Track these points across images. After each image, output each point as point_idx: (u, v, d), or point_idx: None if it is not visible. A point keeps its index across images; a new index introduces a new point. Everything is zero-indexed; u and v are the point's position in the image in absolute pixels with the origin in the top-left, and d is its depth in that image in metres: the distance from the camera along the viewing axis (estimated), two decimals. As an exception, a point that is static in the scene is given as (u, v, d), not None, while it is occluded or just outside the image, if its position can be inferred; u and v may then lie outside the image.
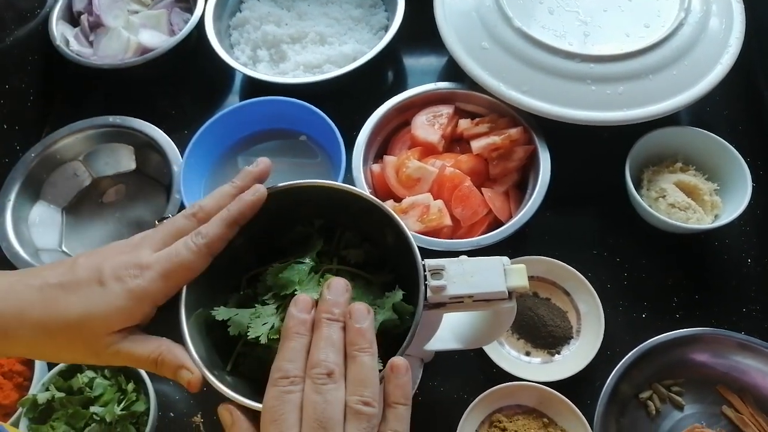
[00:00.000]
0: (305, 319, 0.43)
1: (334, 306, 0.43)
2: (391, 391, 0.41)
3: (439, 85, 0.81)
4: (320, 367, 0.40)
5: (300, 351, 0.41)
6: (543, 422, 0.65)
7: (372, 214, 0.52)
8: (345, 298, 0.44)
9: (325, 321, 0.42)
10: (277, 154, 0.84)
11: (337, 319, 0.43)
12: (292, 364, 0.41)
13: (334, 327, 0.42)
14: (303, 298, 0.44)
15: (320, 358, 0.40)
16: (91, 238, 0.81)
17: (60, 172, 0.83)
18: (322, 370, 0.40)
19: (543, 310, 0.71)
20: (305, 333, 0.42)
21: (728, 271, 0.75)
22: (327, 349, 0.41)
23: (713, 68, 0.75)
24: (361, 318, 0.43)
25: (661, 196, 0.74)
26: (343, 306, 0.44)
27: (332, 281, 0.45)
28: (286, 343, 0.42)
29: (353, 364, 0.41)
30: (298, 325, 0.42)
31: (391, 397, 0.41)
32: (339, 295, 0.44)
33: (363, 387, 0.40)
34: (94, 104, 0.94)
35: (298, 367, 0.41)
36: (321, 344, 0.41)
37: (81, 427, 0.64)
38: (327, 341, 0.41)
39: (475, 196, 0.72)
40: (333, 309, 0.43)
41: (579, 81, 0.73)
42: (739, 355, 0.66)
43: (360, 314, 0.43)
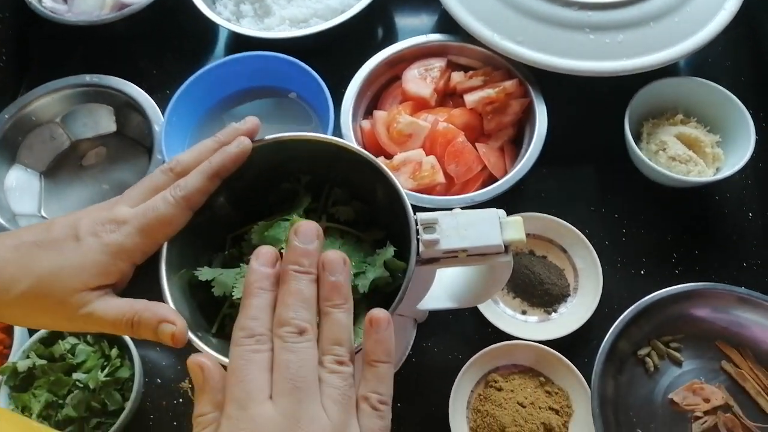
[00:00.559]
0: (269, 273, 0.38)
1: (303, 255, 0.38)
2: (371, 348, 0.37)
3: (430, 38, 0.77)
4: (290, 325, 0.36)
5: (265, 308, 0.37)
6: (539, 381, 0.64)
7: (361, 169, 0.50)
8: (315, 245, 0.38)
9: (293, 273, 0.37)
10: (266, 114, 0.81)
11: (307, 270, 0.37)
12: (257, 321, 0.36)
13: (303, 280, 0.37)
14: (266, 250, 0.39)
15: (290, 316, 0.36)
16: (71, 203, 0.78)
17: (36, 135, 0.80)
18: (293, 329, 0.35)
19: (539, 268, 0.70)
20: (269, 288, 0.37)
21: (729, 225, 0.73)
22: (296, 305, 0.36)
23: (716, 14, 0.72)
24: (336, 269, 0.38)
25: (662, 149, 0.72)
26: (314, 255, 0.38)
27: (300, 225, 0.39)
28: (248, 300, 0.37)
29: (326, 322, 0.37)
30: (261, 279, 0.37)
31: (371, 355, 0.37)
32: (308, 242, 0.38)
33: (338, 345, 0.36)
34: (71, 64, 0.90)
35: (263, 325, 0.36)
36: (289, 300, 0.36)
37: (64, 395, 0.62)
38: (297, 296, 0.36)
39: (469, 151, 0.70)
40: (302, 259, 0.38)
41: (576, 30, 0.71)
42: (739, 310, 0.65)
43: (334, 265, 0.38)
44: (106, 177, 0.80)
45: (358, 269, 0.48)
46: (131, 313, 0.42)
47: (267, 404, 0.34)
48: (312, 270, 0.38)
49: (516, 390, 0.63)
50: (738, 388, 0.63)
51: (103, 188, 0.79)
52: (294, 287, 0.37)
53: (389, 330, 0.38)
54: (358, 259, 0.49)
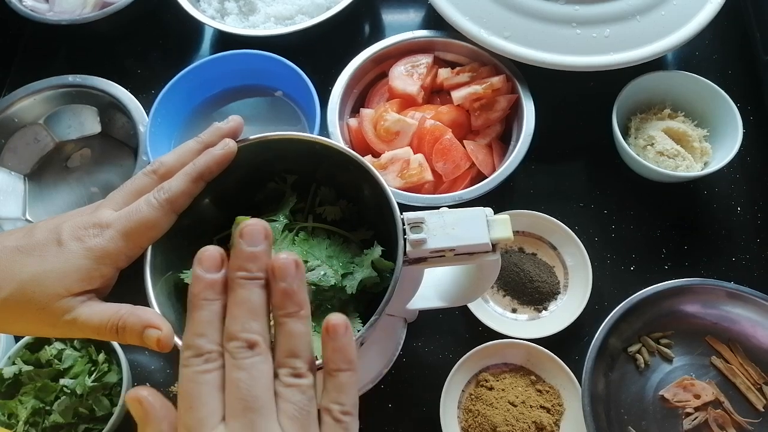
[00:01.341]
0: (214, 281, 0.34)
1: (250, 260, 0.34)
2: (329, 357, 0.34)
3: (417, 34, 0.77)
4: (239, 340, 0.33)
5: (212, 321, 0.34)
6: (531, 380, 0.64)
7: (348, 168, 0.49)
8: (263, 247, 0.34)
9: (240, 281, 0.34)
10: (253, 113, 0.80)
11: (254, 276, 0.34)
12: (204, 338, 0.33)
13: (251, 287, 0.34)
14: (209, 254, 0.35)
15: (237, 329, 0.33)
16: (56, 206, 0.78)
17: (19, 137, 0.79)
18: (242, 344, 0.32)
19: (529, 266, 0.69)
20: (215, 297, 0.34)
21: (717, 220, 0.73)
22: (245, 317, 0.33)
23: (703, 7, 0.71)
24: (287, 274, 0.34)
25: (650, 144, 0.72)
26: (263, 258, 0.34)
27: (245, 225, 0.35)
28: (194, 313, 0.34)
29: (280, 333, 0.34)
30: (205, 289, 0.34)
31: (330, 364, 0.34)
32: (255, 244, 0.34)
33: (293, 357, 0.33)
34: (54, 65, 0.89)
35: (211, 341, 0.33)
36: (236, 311, 0.33)
37: (51, 401, 0.62)
38: (244, 307, 0.33)
39: (456, 149, 0.69)
40: (248, 264, 0.34)
41: (563, 24, 0.70)
42: (729, 305, 0.65)
43: (286, 270, 0.34)
44: (92, 179, 0.79)
45: (346, 270, 0.48)
46: (116, 318, 0.41)
47: (219, 429, 0.32)
48: (260, 275, 0.34)
49: (507, 389, 0.63)
50: (728, 383, 0.64)
51: (89, 190, 0.78)
52: (241, 296, 0.34)
53: (348, 336, 0.35)
54: (345, 260, 0.49)
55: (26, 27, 0.89)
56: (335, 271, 0.47)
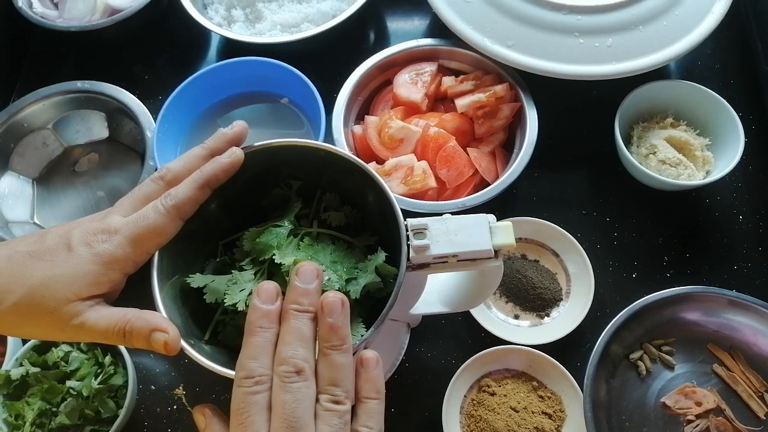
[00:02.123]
0: (270, 311, 0.39)
1: (303, 295, 0.40)
2: (361, 386, 0.39)
3: (421, 42, 0.78)
4: (288, 364, 0.37)
5: (265, 347, 0.38)
6: (532, 386, 0.65)
7: (352, 175, 0.50)
8: (315, 285, 0.40)
9: (293, 312, 0.39)
10: (258, 119, 0.81)
11: (306, 310, 0.39)
12: (256, 362, 0.38)
13: (303, 319, 0.39)
14: (266, 287, 0.40)
15: (287, 355, 0.37)
16: (63, 209, 0.78)
17: (28, 142, 0.80)
18: (290, 368, 0.37)
19: (531, 272, 0.70)
20: (269, 326, 0.39)
21: (719, 228, 0.74)
22: (295, 344, 0.38)
23: (705, 17, 0.72)
24: (334, 311, 0.39)
25: (652, 152, 0.72)
26: (314, 295, 0.40)
27: (301, 266, 0.41)
28: (249, 338, 0.39)
29: (324, 362, 0.38)
30: (261, 318, 0.39)
31: (361, 392, 0.39)
32: (308, 282, 0.40)
33: (334, 386, 0.38)
34: (63, 70, 0.91)
35: (263, 365, 0.38)
36: (288, 338, 0.38)
37: (57, 403, 0.62)
38: (295, 335, 0.38)
39: (460, 156, 0.70)
40: (301, 299, 0.40)
41: (566, 34, 0.71)
42: (730, 313, 0.65)
43: (333, 307, 0.39)
44: (99, 183, 0.80)
45: (350, 275, 0.48)
46: (123, 322, 0.42)
47: None
48: (311, 309, 0.39)
49: (509, 394, 0.64)
50: (730, 391, 0.64)
51: (96, 195, 0.79)
52: (293, 326, 0.39)
53: (378, 368, 0.40)
54: (349, 265, 0.49)
55: (36, 33, 0.90)
56: (339, 276, 0.48)
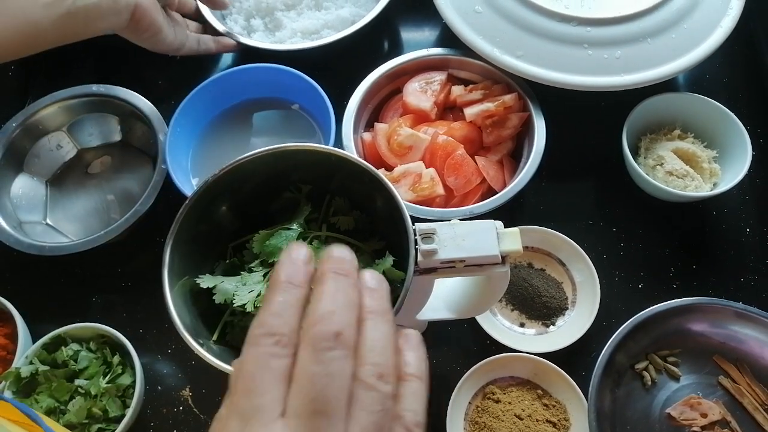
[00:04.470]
0: (303, 269, 0.31)
1: (342, 262, 0.31)
2: (407, 361, 0.31)
3: (431, 51, 0.78)
4: (325, 323, 0.28)
5: (293, 305, 0.30)
6: (537, 394, 0.65)
7: (361, 179, 0.51)
8: (353, 257, 0.32)
9: (333, 275, 0.31)
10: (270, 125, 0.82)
11: (347, 273, 0.31)
12: (281, 318, 0.29)
13: (344, 281, 0.30)
14: (299, 245, 0.32)
15: (324, 312, 0.29)
16: (75, 211, 0.79)
17: (43, 144, 0.81)
18: (329, 328, 0.28)
19: (537, 281, 0.70)
20: (301, 285, 0.31)
21: (726, 240, 0.74)
22: (337, 302, 0.29)
23: (713, 32, 0.73)
24: (376, 281, 0.32)
25: (659, 163, 0.73)
26: (354, 264, 0.32)
27: (333, 248, 0.33)
28: (273, 295, 0.30)
29: (366, 329, 0.30)
30: (293, 274, 0.31)
31: (407, 367, 0.31)
32: (347, 254, 0.32)
33: (378, 355, 0.29)
34: (78, 74, 0.92)
35: (287, 324, 0.29)
36: (326, 299, 0.29)
37: (65, 401, 0.63)
38: (334, 295, 0.30)
39: (468, 164, 0.71)
40: (341, 264, 0.31)
41: (575, 45, 0.71)
42: (737, 325, 0.65)
43: (374, 277, 0.32)
44: (111, 185, 0.81)
45: (357, 279, 0.49)
46: None
47: (277, 425, 0.27)
48: (353, 272, 0.31)
49: (514, 402, 0.64)
50: (735, 403, 0.64)
51: (107, 197, 0.80)
52: (332, 287, 0.30)
53: (422, 346, 0.32)
54: (357, 269, 0.50)
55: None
56: (347, 279, 0.48)
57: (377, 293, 0.31)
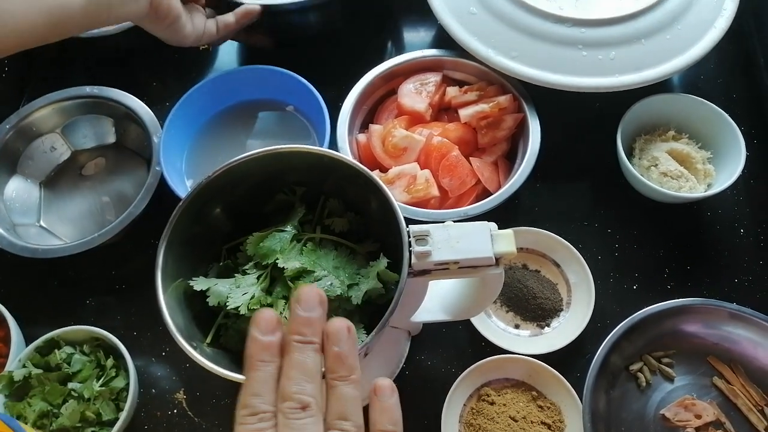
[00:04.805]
0: (270, 343, 0.36)
1: (305, 325, 0.36)
2: (376, 419, 0.36)
3: (426, 53, 0.78)
4: (292, 400, 0.34)
5: (267, 381, 0.35)
6: (532, 395, 0.65)
7: (356, 182, 0.51)
8: (318, 313, 0.37)
9: (295, 344, 0.36)
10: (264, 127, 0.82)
11: (309, 340, 0.36)
12: (260, 398, 0.35)
13: (307, 351, 0.36)
14: (264, 316, 0.37)
15: (292, 391, 0.34)
16: (69, 213, 0.79)
17: (37, 145, 0.81)
18: (295, 404, 0.34)
19: (532, 282, 0.70)
20: (271, 359, 0.36)
21: (720, 241, 0.74)
22: (299, 379, 0.35)
23: (707, 32, 0.73)
24: (341, 339, 0.36)
25: (653, 164, 0.73)
26: (317, 324, 0.37)
27: (302, 292, 0.37)
28: (251, 373, 0.36)
29: (332, 395, 0.35)
30: (261, 351, 0.36)
31: (376, 425, 0.36)
32: (311, 310, 0.37)
33: (343, 420, 0.34)
34: (72, 76, 0.91)
35: (266, 401, 0.35)
36: (292, 373, 0.35)
37: (59, 404, 0.63)
38: (299, 369, 0.35)
39: (463, 165, 0.71)
40: (304, 329, 0.36)
41: (570, 46, 0.72)
42: (731, 326, 0.65)
43: (339, 335, 0.36)
44: (105, 187, 0.81)
45: (352, 281, 0.49)
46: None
47: None
48: (315, 339, 0.36)
49: (508, 404, 0.64)
50: (730, 404, 0.64)
51: (101, 199, 0.80)
52: (297, 359, 0.35)
53: (394, 398, 0.37)
54: (351, 271, 0.50)
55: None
56: (341, 281, 0.48)
57: (341, 357, 0.36)
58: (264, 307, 0.39)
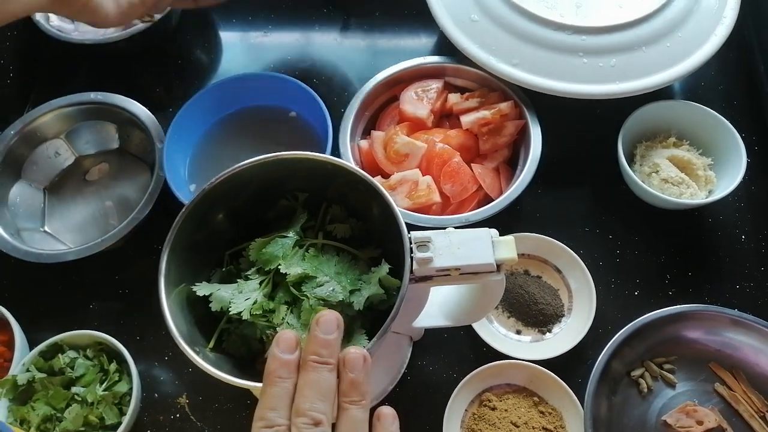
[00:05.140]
0: (289, 361, 0.39)
1: (323, 346, 0.39)
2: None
3: (428, 60, 0.79)
4: (306, 416, 0.37)
5: (283, 397, 0.38)
6: (533, 401, 0.65)
7: (358, 188, 0.51)
8: (335, 336, 0.40)
9: (313, 364, 0.38)
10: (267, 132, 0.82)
11: (325, 362, 0.39)
12: (275, 412, 0.37)
13: (322, 371, 0.38)
14: (286, 336, 0.40)
15: (305, 407, 0.37)
16: (73, 218, 0.79)
17: (41, 151, 0.81)
18: (308, 420, 0.36)
19: (534, 288, 0.70)
20: (288, 376, 0.38)
21: (721, 247, 0.74)
22: (313, 397, 0.37)
23: (707, 40, 0.73)
24: (356, 367, 0.39)
25: (654, 171, 0.73)
26: (334, 346, 0.39)
27: (322, 315, 0.40)
28: (268, 388, 0.38)
29: (343, 416, 0.38)
30: (280, 368, 0.38)
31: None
32: (329, 333, 0.40)
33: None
34: (76, 82, 0.92)
35: (282, 416, 0.37)
36: (307, 391, 0.38)
37: (62, 408, 0.63)
38: (314, 388, 0.38)
39: (464, 172, 0.71)
40: (322, 350, 0.39)
41: (570, 53, 0.72)
42: (732, 332, 0.65)
43: (355, 363, 0.39)
44: (109, 192, 0.81)
45: (354, 286, 0.49)
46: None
47: None
48: (331, 361, 0.39)
49: (510, 409, 0.64)
50: (731, 410, 0.64)
51: (105, 204, 0.80)
52: (313, 378, 0.38)
53: (395, 426, 0.39)
54: (353, 276, 0.50)
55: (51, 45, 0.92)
56: (343, 287, 0.49)
57: (355, 383, 0.38)
58: (286, 329, 0.43)
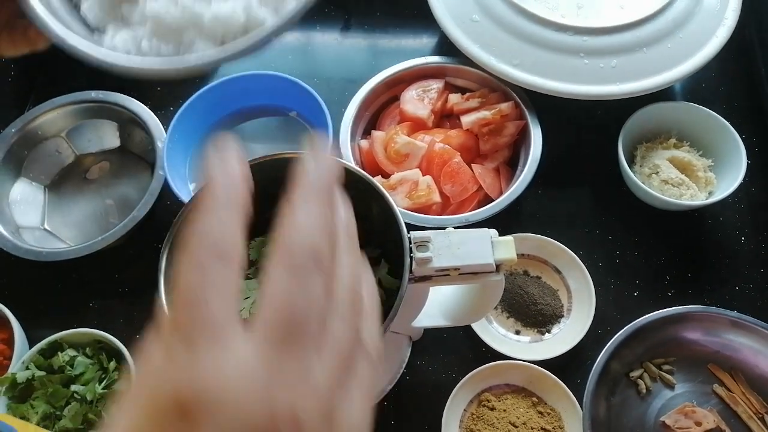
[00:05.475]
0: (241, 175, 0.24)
1: (318, 179, 0.26)
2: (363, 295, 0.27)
3: (428, 60, 0.79)
4: (304, 247, 0.23)
5: (235, 222, 0.23)
6: (532, 401, 0.65)
7: (357, 187, 0.51)
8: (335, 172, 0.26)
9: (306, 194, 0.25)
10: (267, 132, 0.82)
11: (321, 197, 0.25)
12: (224, 227, 0.23)
13: (321, 205, 0.25)
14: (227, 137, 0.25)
15: (304, 234, 0.23)
16: (73, 216, 0.79)
17: (42, 149, 0.81)
18: (306, 253, 0.23)
19: (533, 288, 0.70)
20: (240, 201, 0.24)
21: (721, 248, 0.74)
22: (312, 227, 0.24)
23: (709, 41, 0.73)
24: (347, 213, 0.28)
25: (655, 172, 0.73)
26: (330, 185, 0.26)
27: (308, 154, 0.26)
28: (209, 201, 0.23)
29: (340, 259, 0.26)
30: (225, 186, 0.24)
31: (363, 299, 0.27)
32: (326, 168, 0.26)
33: (351, 289, 0.25)
34: (77, 80, 0.92)
35: (233, 238, 0.23)
36: (302, 220, 0.24)
37: (61, 406, 0.63)
38: (314, 217, 0.24)
39: (464, 172, 0.71)
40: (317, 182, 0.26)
41: (571, 54, 0.72)
42: (731, 333, 0.65)
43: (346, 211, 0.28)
44: (109, 191, 0.81)
45: (353, 286, 0.49)
46: None
47: (241, 344, 0.21)
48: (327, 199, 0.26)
49: (508, 410, 0.64)
50: (730, 411, 0.64)
51: (105, 202, 0.80)
52: (315, 210, 0.25)
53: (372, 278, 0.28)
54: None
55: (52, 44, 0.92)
56: (343, 287, 0.49)
57: (349, 225, 0.28)
58: None
